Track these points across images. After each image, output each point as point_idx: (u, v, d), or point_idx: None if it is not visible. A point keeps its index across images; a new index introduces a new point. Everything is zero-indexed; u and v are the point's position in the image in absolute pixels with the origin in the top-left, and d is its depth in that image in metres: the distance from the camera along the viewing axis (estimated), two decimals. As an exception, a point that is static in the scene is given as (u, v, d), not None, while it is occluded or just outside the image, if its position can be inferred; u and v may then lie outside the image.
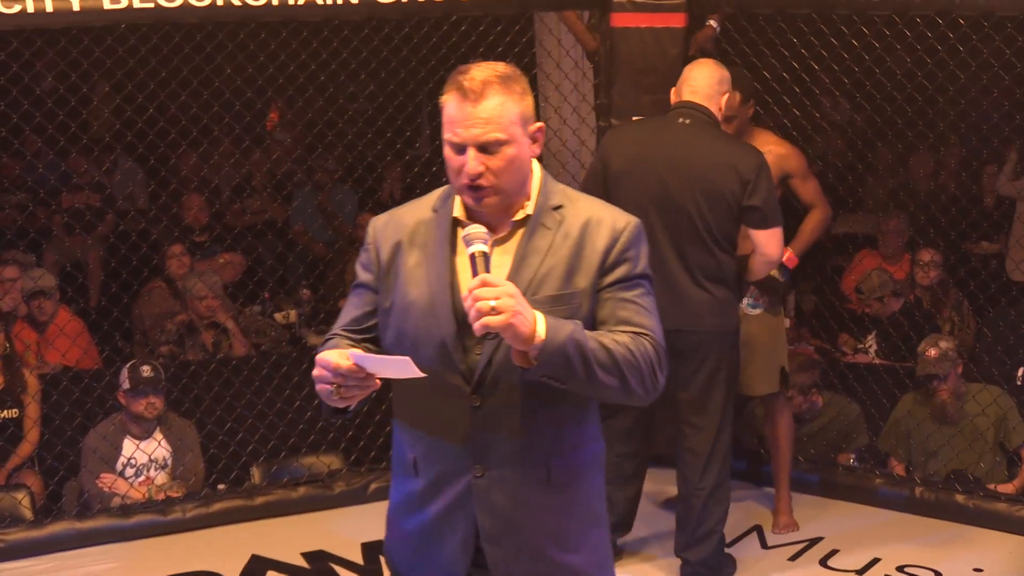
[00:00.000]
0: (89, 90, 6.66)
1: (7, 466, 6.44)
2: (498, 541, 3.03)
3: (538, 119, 2.99)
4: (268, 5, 5.75)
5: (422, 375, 2.80)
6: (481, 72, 2.88)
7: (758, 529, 6.07)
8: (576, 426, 3.08)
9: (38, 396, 6.51)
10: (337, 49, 6.43)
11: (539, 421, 3.00)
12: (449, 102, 2.89)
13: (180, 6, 5.62)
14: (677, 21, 6.27)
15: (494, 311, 2.71)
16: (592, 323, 2.95)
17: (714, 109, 5.28)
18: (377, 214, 3.18)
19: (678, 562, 5.54)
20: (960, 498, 6.10)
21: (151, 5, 5.59)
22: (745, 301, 5.72)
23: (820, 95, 7.31)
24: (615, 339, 2.90)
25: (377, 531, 6.13)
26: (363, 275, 3.11)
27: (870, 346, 7.47)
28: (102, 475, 6.19)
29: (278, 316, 8.08)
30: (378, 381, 2.86)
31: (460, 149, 2.88)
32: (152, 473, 6.30)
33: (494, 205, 2.93)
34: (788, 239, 5.79)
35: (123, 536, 6.01)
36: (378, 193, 9.51)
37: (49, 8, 5.44)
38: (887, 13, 5.98)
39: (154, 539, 6.04)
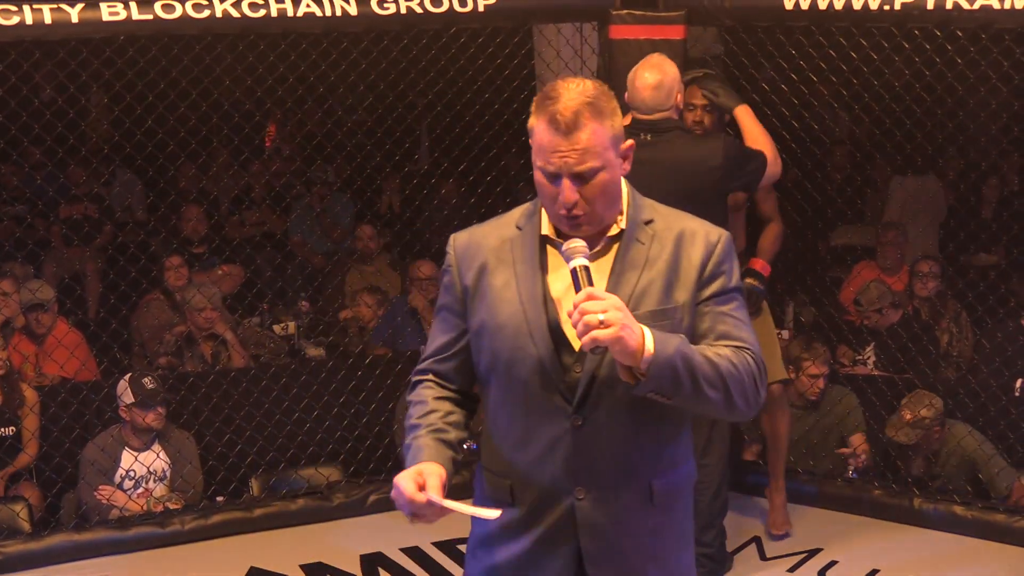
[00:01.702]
0: (87, 101, 6.66)
1: (4, 478, 6.43)
2: (601, 564, 3.00)
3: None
4: (267, 17, 5.75)
5: (497, 516, 2.83)
6: (571, 98, 2.82)
7: (756, 540, 6.07)
8: (675, 443, 3.05)
9: (36, 408, 6.51)
10: (336, 61, 6.42)
11: (641, 439, 2.96)
12: (539, 129, 2.85)
13: (179, 18, 5.62)
14: (676, 33, 6.27)
15: (602, 324, 2.66)
16: (692, 337, 2.90)
17: (671, 114, 5.33)
18: (375, 226, 3.18)
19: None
20: (959, 509, 6.10)
21: (150, 17, 5.59)
22: None
23: (819, 107, 7.31)
24: (718, 352, 2.86)
25: (376, 543, 6.15)
26: (445, 297, 3.07)
27: (868, 357, 7.47)
28: (100, 487, 6.18)
29: (277, 328, 8.08)
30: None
31: (554, 178, 2.84)
32: (150, 485, 6.29)
33: (585, 232, 2.89)
34: (751, 253, 5.87)
35: (121, 548, 5.99)
36: (377, 205, 9.52)
37: (48, 20, 5.45)
38: (885, 25, 5.99)
39: (152, 551, 6.03)
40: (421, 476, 2.83)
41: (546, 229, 2.96)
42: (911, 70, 6.52)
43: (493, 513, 2.79)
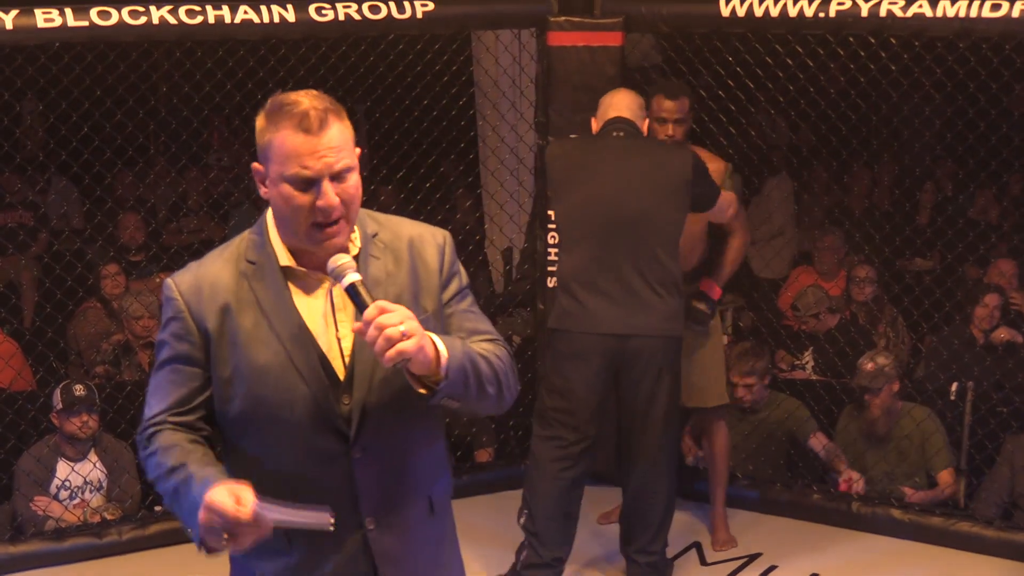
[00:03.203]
0: (22, 108, 6.59)
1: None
2: None
3: (476, 136, 2.93)
4: (204, 24, 5.73)
5: (332, 524, 2.61)
6: (312, 101, 2.72)
7: (697, 546, 6.09)
8: (439, 450, 3.01)
9: (-30, 418, 6.43)
10: (274, 68, 6.40)
11: (417, 455, 2.91)
12: (286, 136, 2.69)
13: (115, 24, 5.59)
14: (614, 40, 6.31)
15: (404, 336, 2.56)
16: None
17: (641, 128, 5.39)
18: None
19: (621, 563, 5.66)
20: (896, 513, 6.16)
21: (85, 23, 5.55)
22: None
23: (756, 113, 7.36)
24: (483, 348, 2.83)
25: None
26: (180, 347, 2.81)
27: (807, 362, 7.52)
28: (36, 498, 6.12)
29: (215, 336, 8.00)
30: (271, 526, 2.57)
31: (309, 184, 2.68)
32: (87, 495, 6.23)
33: (341, 241, 2.75)
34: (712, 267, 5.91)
35: (58, 560, 5.93)
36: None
37: (-19, 26, 5.40)
38: (820, 32, 6.04)
39: (89, 562, 5.98)
40: (233, 492, 2.55)
41: (285, 259, 2.81)
42: (846, 76, 6.59)
43: (326, 520, 2.60)
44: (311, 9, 5.90)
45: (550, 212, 6.23)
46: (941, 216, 8.60)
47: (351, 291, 2.68)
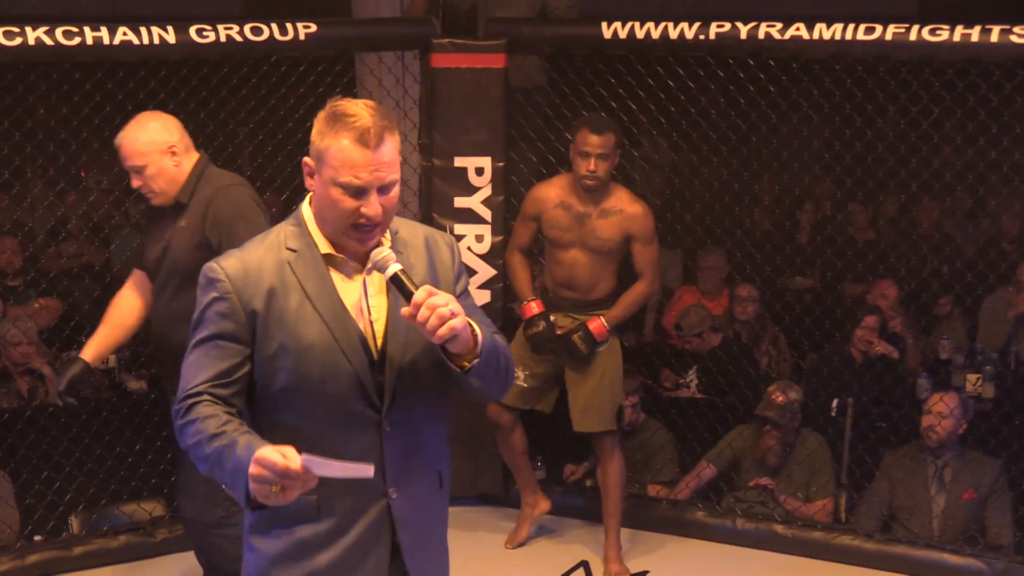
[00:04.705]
0: None
1: None
2: (416, 554, 3.14)
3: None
4: (82, 45, 5.64)
5: (371, 475, 2.78)
6: (370, 115, 2.93)
7: (585, 565, 6.11)
8: (446, 432, 3.24)
9: None
10: (155, 89, 6.33)
11: (433, 430, 3.16)
12: (343, 147, 2.91)
13: (-10, 45, 5.50)
14: (497, 61, 6.34)
15: (453, 315, 2.83)
16: None
17: None
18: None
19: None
20: (779, 528, 6.24)
21: (-41, 44, 5.46)
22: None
23: (639, 135, 7.43)
24: (494, 336, 3.07)
25: (200, 578, 5.99)
26: (225, 325, 3.01)
27: (691, 381, 7.59)
28: (-90, 529, 5.98)
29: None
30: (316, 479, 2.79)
31: (359, 192, 2.92)
32: (-36, 526, 6.11)
33: (374, 244, 3.01)
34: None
35: (-67, 592, 5.81)
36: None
37: None
38: (700, 54, 6.13)
39: (-34, 594, 5.86)
40: (279, 450, 2.75)
41: (325, 248, 3.05)
42: (726, 98, 6.69)
43: (368, 470, 2.75)
44: (192, 31, 5.84)
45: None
46: (820, 235, 8.75)
47: (396, 280, 2.94)
